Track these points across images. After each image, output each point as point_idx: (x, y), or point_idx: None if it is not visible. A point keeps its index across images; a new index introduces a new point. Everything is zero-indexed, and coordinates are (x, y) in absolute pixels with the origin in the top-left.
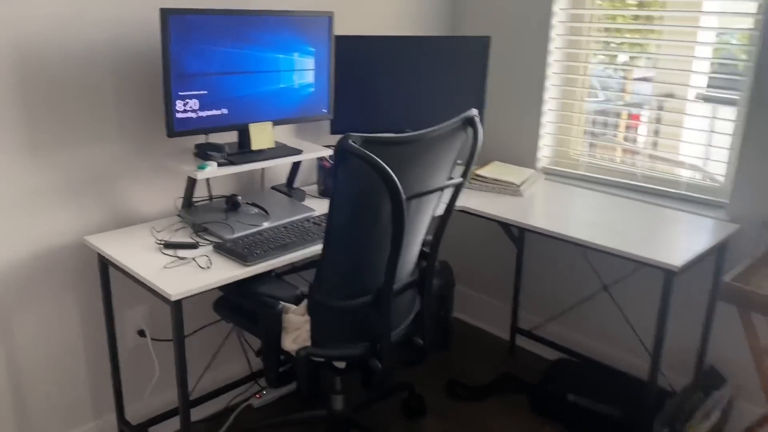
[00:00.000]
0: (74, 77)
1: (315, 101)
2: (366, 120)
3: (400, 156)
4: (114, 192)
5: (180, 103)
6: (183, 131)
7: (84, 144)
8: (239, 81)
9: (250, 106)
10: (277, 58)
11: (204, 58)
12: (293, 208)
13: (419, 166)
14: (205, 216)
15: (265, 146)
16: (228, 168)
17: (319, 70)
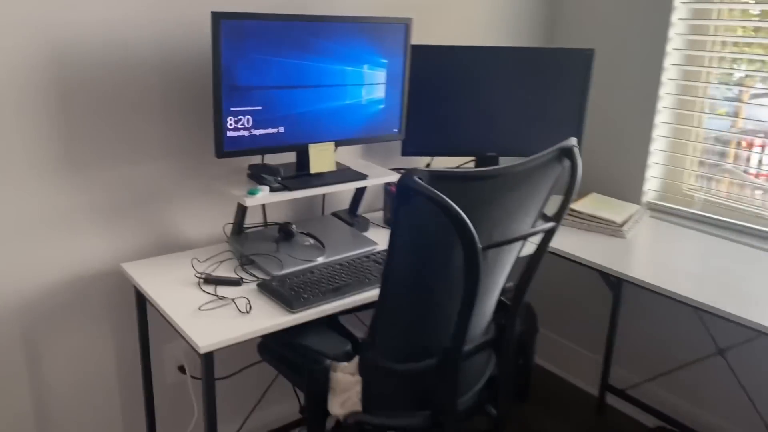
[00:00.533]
0: (116, 87)
1: (385, 119)
2: (443, 141)
3: (477, 195)
4: (156, 215)
5: (231, 119)
6: (233, 152)
7: (125, 162)
8: (299, 96)
9: (311, 125)
10: (343, 71)
11: (260, 69)
12: (353, 240)
13: (501, 207)
14: (255, 246)
15: (326, 169)
16: (282, 194)
17: (392, 85)
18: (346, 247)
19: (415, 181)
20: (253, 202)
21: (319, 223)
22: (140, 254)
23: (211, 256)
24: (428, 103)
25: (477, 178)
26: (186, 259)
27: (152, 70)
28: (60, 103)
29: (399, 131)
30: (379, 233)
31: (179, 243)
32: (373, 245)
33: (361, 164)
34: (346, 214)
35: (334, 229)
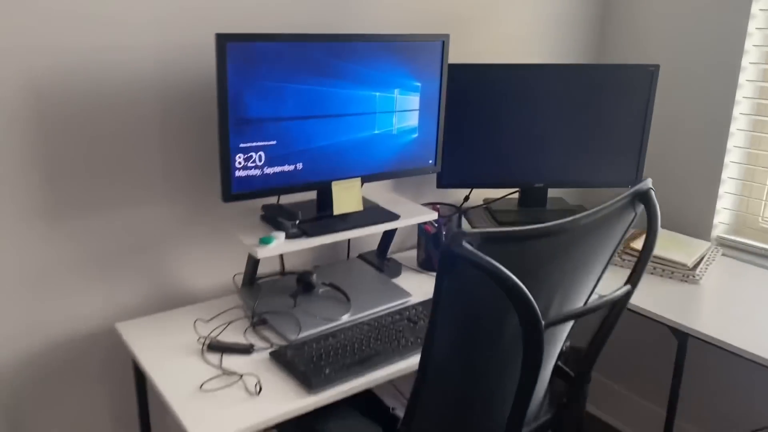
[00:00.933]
0: (108, 120)
1: (419, 150)
2: (484, 171)
3: (537, 255)
4: (157, 264)
5: (240, 157)
6: (243, 194)
7: (120, 205)
8: (320, 127)
9: (333, 160)
10: (371, 97)
11: (273, 98)
12: (383, 290)
13: (563, 266)
14: (269, 301)
15: (351, 209)
16: (299, 242)
17: (426, 110)
18: (375, 299)
19: (464, 249)
20: (266, 253)
21: (344, 269)
22: (139, 311)
23: (219, 313)
24: (467, 129)
25: (538, 236)
26: (190, 318)
27: (151, 99)
28: (41, 139)
29: (435, 163)
30: (413, 279)
31: (183, 296)
32: (406, 297)
33: (391, 199)
34: (374, 256)
35: (361, 277)
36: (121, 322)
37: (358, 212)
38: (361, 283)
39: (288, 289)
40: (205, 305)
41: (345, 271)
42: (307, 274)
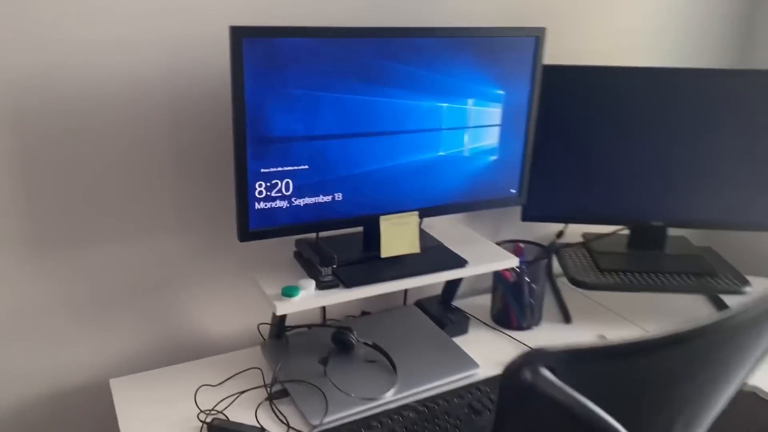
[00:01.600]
0: (106, 134)
1: (498, 176)
2: (582, 203)
3: (653, 371)
4: (162, 308)
5: (262, 185)
6: (264, 230)
7: (118, 237)
8: (366, 148)
9: (384, 189)
10: (437, 110)
11: (305, 110)
12: (443, 356)
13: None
14: (295, 363)
15: (404, 251)
16: (333, 293)
17: (510, 126)
18: (430, 370)
19: (542, 380)
20: (289, 308)
21: (395, 321)
22: (138, 363)
23: (232, 375)
24: (563, 150)
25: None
26: (196, 379)
27: (158, 109)
28: (19, 156)
29: (518, 193)
30: (483, 339)
31: (194, 347)
32: (472, 369)
33: (460, 235)
34: (436, 305)
35: (416, 335)
36: (116, 379)
37: (415, 255)
38: (415, 344)
39: (321, 348)
40: (218, 361)
41: (395, 325)
42: (344, 331)
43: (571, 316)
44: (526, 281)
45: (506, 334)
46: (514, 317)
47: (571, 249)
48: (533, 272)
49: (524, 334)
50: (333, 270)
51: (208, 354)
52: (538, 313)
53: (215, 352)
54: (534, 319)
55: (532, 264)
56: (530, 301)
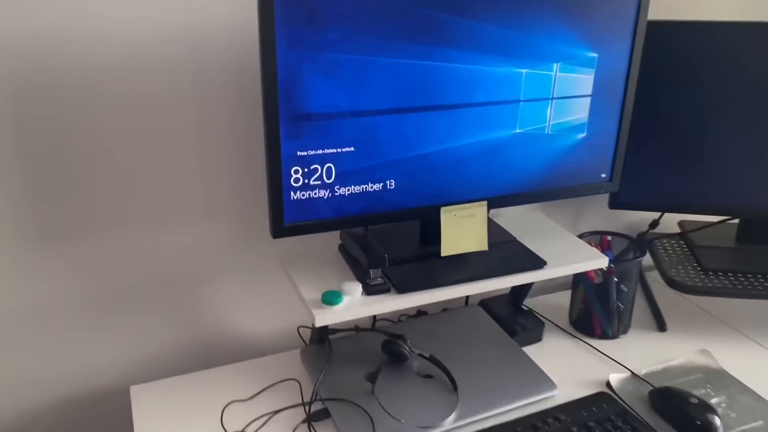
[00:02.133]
0: (116, 107)
1: (586, 159)
2: (685, 190)
3: None
4: (190, 306)
5: (298, 171)
6: (301, 225)
7: (139, 225)
8: (425, 125)
9: (445, 174)
10: (514, 77)
11: (350, 79)
12: (514, 370)
13: None
14: (340, 376)
15: (469, 249)
16: (382, 300)
17: (603, 97)
18: (497, 390)
19: None
20: (331, 319)
21: (455, 327)
22: (164, 367)
23: (267, 387)
24: (665, 125)
25: None
26: (224, 388)
27: (179, 76)
28: (22, 133)
29: (610, 178)
30: (560, 350)
31: (225, 351)
32: (547, 390)
33: (535, 224)
34: (504, 306)
35: (480, 343)
36: (137, 385)
37: (482, 254)
38: (479, 355)
39: (371, 357)
40: (251, 367)
41: (456, 330)
42: (396, 340)
43: (666, 323)
44: (615, 282)
45: (587, 343)
46: (597, 324)
47: (667, 242)
48: (624, 271)
49: (610, 344)
50: (383, 271)
51: (241, 358)
52: (627, 320)
53: (249, 355)
54: (622, 326)
55: (624, 262)
56: (618, 306)
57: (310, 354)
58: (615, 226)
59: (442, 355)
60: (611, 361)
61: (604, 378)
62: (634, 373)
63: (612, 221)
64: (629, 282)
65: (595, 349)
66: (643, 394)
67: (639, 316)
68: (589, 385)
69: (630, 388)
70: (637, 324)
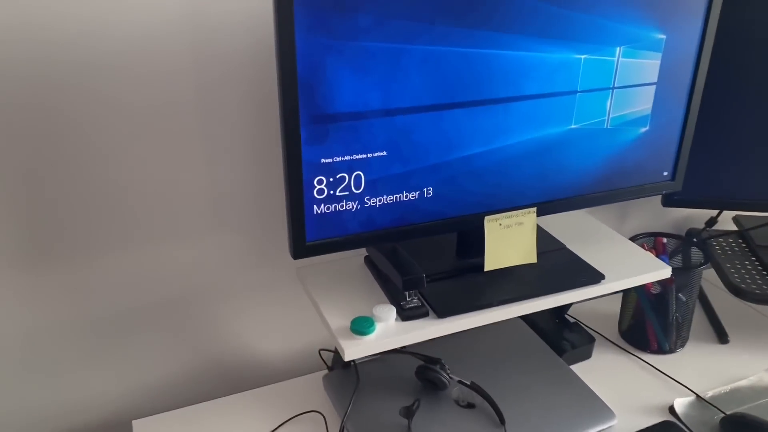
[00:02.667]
0: (111, 104)
1: (648, 154)
2: (750, 183)
3: None
4: (195, 329)
5: (321, 181)
6: (326, 243)
7: (137, 241)
8: (467, 123)
9: (490, 179)
10: (570, 63)
11: (381, 72)
12: (565, 395)
13: None
14: (367, 407)
15: (517, 262)
16: (420, 327)
17: (670, 84)
18: (550, 422)
19: None
20: (362, 351)
21: (495, 343)
22: (169, 396)
23: (284, 421)
24: (727, 116)
25: None
26: (237, 422)
27: (181, 69)
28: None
29: (673, 176)
30: (613, 368)
31: (237, 378)
32: (607, 420)
33: (580, 225)
34: (547, 317)
35: (524, 364)
36: (141, 420)
37: (530, 267)
38: (525, 379)
39: (404, 384)
40: (268, 395)
41: (497, 351)
42: (432, 366)
43: (728, 335)
44: (674, 293)
45: (642, 359)
46: (653, 337)
47: (724, 241)
48: (685, 280)
49: (667, 360)
50: (418, 293)
51: (256, 384)
52: (685, 332)
53: (264, 381)
54: (680, 339)
55: (685, 271)
56: (677, 318)
57: (334, 381)
58: (663, 224)
59: (483, 379)
60: (671, 380)
61: (666, 402)
62: (699, 396)
63: (660, 218)
64: (689, 291)
65: (651, 366)
66: (712, 422)
67: (696, 326)
68: (650, 412)
69: (697, 414)
70: (694, 336)
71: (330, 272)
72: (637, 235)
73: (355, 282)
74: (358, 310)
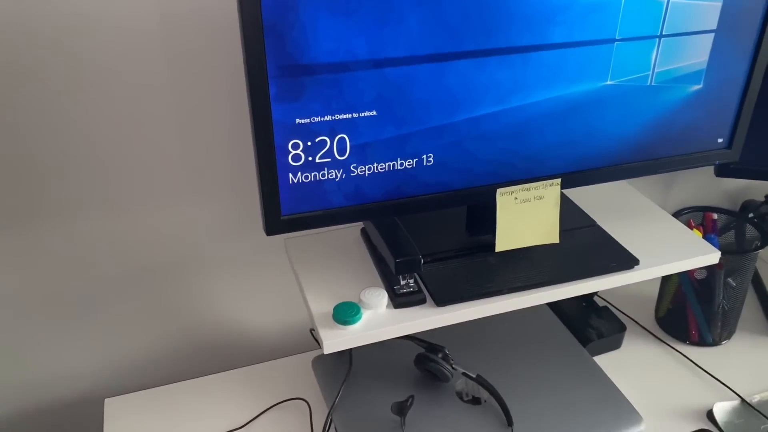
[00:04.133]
0: (76, 65)
1: (700, 117)
2: None
3: None
4: (174, 302)
5: (297, 146)
6: (304, 217)
7: (110, 206)
8: (477, 78)
9: (504, 144)
10: (606, 3)
11: (368, 13)
12: (586, 393)
13: None
14: (358, 398)
15: (536, 242)
16: (414, 317)
17: (730, 33)
18: (565, 422)
19: None
20: (342, 344)
21: (511, 332)
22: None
23: (265, 409)
24: None
25: None
26: (215, 402)
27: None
28: None
29: (728, 144)
30: (644, 361)
31: (217, 353)
32: (633, 425)
33: (615, 195)
34: (574, 302)
35: (541, 356)
36: (113, 398)
37: (551, 248)
38: (540, 374)
39: (401, 374)
40: (251, 376)
41: (511, 339)
42: (433, 355)
43: None
44: (722, 277)
45: (680, 352)
46: (694, 326)
47: None
48: (736, 263)
49: (709, 354)
50: (415, 276)
51: (241, 364)
52: (732, 322)
53: (252, 360)
54: (726, 330)
55: (737, 255)
56: (724, 306)
57: (324, 365)
58: (715, 196)
59: (492, 371)
60: (712, 379)
61: (704, 405)
62: (744, 399)
63: (711, 189)
64: (741, 276)
65: (690, 361)
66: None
67: (747, 315)
68: (685, 416)
69: (740, 423)
70: (744, 327)
71: (321, 244)
72: (684, 209)
73: (348, 258)
74: (346, 291)
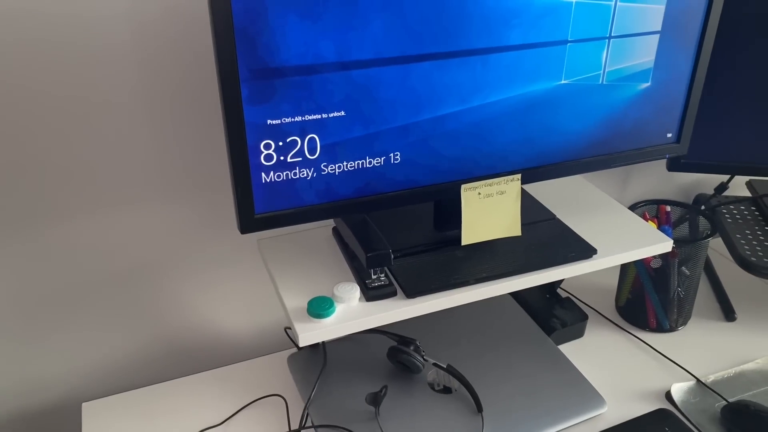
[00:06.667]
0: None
1: (649, 113)
2: (761, 144)
3: None
4: (148, 305)
5: (268, 145)
6: (277, 215)
7: (84, 210)
8: (441, 79)
9: (467, 142)
10: (561, 8)
11: (336, 16)
12: (551, 380)
13: None
14: (333, 391)
15: (499, 235)
16: (387, 309)
17: (675, 34)
18: (531, 409)
19: None
20: (317, 337)
21: (478, 322)
22: (121, 377)
23: (242, 407)
24: (740, 71)
25: None
26: (192, 403)
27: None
28: None
29: (677, 138)
30: (606, 348)
31: (192, 355)
32: (596, 409)
33: (573, 190)
34: (537, 292)
35: (508, 345)
36: (90, 402)
37: (514, 240)
38: (507, 362)
39: (375, 366)
40: (226, 376)
41: (479, 329)
42: (405, 348)
43: (735, 312)
44: (676, 266)
45: (639, 338)
46: (652, 314)
47: (735, 209)
48: (689, 252)
49: (667, 339)
50: (386, 270)
51: (218, 364)
52: (688, 309)
53: (228, 361)
54: (682, 317)
55: (690, 244)
56: (679, 293)
57: (299, 362)
58: (668, 190)
59: (462, 361)
60: (670, 362)
61: (663, 386)
62: (699, 380)
63: (665, 184)
64: (694, 265)
65: (648, 346)
66: (713, 410)
67: (701, 302)
68: (645, 397)
69: (696, 401)
70: (699, 313)
71: (294, 244)
72: (639, 202)
73: (320, 256)
74: (319, 286)
